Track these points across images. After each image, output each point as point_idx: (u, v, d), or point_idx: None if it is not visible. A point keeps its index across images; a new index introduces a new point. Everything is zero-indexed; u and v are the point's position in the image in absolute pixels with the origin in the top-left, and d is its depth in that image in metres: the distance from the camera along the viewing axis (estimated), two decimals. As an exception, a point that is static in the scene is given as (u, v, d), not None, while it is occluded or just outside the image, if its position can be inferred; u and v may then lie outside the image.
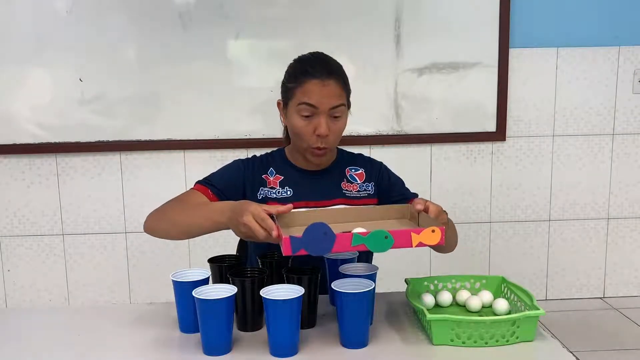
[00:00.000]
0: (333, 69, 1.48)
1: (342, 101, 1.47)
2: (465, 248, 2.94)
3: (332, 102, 1.46)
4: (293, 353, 1.17)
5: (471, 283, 1.44)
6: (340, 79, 1.48)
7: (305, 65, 1.49)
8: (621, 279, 3.03)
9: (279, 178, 1.56)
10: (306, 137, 1.48)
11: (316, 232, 1.11)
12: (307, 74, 1.46)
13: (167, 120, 2.73)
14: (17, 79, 2.67)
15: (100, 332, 1.32)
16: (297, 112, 1.47)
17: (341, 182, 1.58)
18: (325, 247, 1.12)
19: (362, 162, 1.64)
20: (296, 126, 1.48)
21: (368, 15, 2.71)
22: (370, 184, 1.59)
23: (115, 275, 2.86)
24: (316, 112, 1.45)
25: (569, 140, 2.90)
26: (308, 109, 1.46)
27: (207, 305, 1.15)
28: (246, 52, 2.72)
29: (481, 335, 1.19)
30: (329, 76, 1.46)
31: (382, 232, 1.12)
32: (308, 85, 1.45)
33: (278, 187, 1.54)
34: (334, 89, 1.46)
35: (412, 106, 2.79)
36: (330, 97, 1.45)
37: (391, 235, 1.12)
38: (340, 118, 1.49)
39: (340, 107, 1.47)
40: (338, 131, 1.50)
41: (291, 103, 1.49)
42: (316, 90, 1.45)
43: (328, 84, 1.45)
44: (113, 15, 2.65)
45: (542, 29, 2.81)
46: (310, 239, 1.11)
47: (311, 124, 1.46)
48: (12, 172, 2.75)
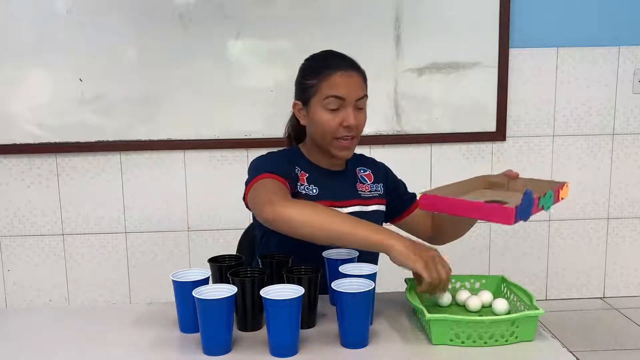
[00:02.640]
0: (353, 62, 1.52)
1: (365, 92, 1.51)
2: (465, 248, 2.94)
3: (358, 93, 1.48)
4: (293, 353, 1.17)
5: (471, 283, 1.44)
6: (361, 71, 1.52)
7: (326, 61, 1.51)
8: (621, 279, 3.03)
9: (304, 175, 1.55)
10: (332, 130, 1.48)
11: (526, 199, 1.21)
12: (331, 67, 1.48)
13: (167, 120, 2.73)
14: (17, 79, 2.67)
15: (100, 332, 1.32)
16: (323, 107, 1.48)
17: (356, 183, 1.60)
18: (529, 212, 1.23)
19: (368, 163, 1.66)
20: (323, 120, 1.49)
21: (368, 15, 2.71)
22: (379, 184, 1.62)
23: (115, 275, 2.86)
24: (343, 105, 1.47)
25: (569, 140, 2.90)
26: (335, 101, 1.47)
27: (207, 305, 1.15)
28: (246, 52, 2.72)
29: (480, 335, 1.19)
30: (352, 68, 1.50)
31: (549, 191, 1.28)
32: (334, 78, 1.47)
33: (305, 184, 1.53)
34: (358, 79, 1.49)
35: (412, 106, 2.79)
36: (356, 89, 1.48)
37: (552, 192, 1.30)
38: (363, 110, 1.51)
39: (364, 98, 1.50)
40: (363, 122, 1.52)
41: (315, 99, 1.49)
42: (343, 82, 1.47)
43: (352, 75, 1.49)
44: (113, 16, 2.65)
45: (542, 29, 2.81)
46: (524, 205, 1.20)
47: (338, 117, 1.48)
48: (12, 172, 2.75)
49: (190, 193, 2.80)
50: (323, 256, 1.42)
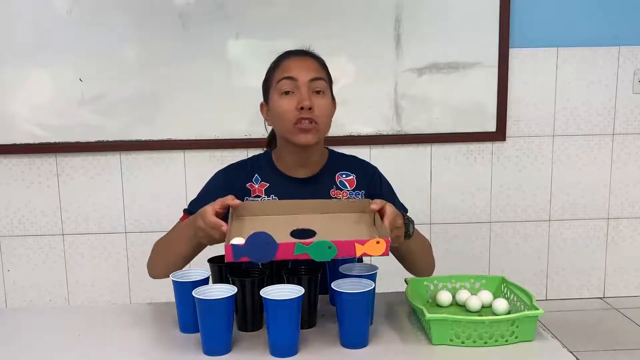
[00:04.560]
0: (311, 52, 1.51)
1: (321, 75, 1.47)
2: (465, 248, 2.94)
3: (312, 74, 1.45)
4: (293, 353, 1.17)
5: (471, 283, 1.44)
6: (319, 59, 1.50)
7: (283, 52, 1.53)
8: (621, 279, 3.03)
9: (264, 185, 1.52)
10: (289, 115, 1.42)
11: (258, 241, 1.12)
12: (285, 55, 1.50)
13: (167, 120, 2.73)
14: (17, 79, 2.67)
15: (100, 332, 1.32)
16: (277, 92, 1.46)
17: (330, 190, 1.52)
18: (268, 256, 1.12)
19: (355, 167, 1.57)
20: (278, 106, 1.45)
21: (368, 15, 2.70)
22: (361, 192, 1.53)
23: (115, 275, 2.86)
24: (296, 86, 1.44)
25: (569, 140, 2.90)
26: (288, 82, 1.44)
27: (207, 305, 1.15)
28: (246, 52, 2.72)
29: (480, 335, 1.19)
30: (305, 54, 1.50)
31: (326, 242, 1.12)
32: (286, 62, 1.48)
33: (264, 195, 1.50)
34: (312, 63, 1.48)
35: (412, 106, 2.79)
36: (309, 70, 1.46)
37: (335, 245, 1.12)
38: (323, 94, 1.46)
39: (321, 81, 1.46)
40: (322, 108, 1.44)
41: (272, 90, 1.49)
42: (294, 64, 1.47)
43: (306, 59, 1.48)
44: (113, 15, 2.65)
45: (542, 29, 2.81)
46: (252, 247, 1.12)
47: (293, 99, 1.43)
48: (12, 172, 2.75)
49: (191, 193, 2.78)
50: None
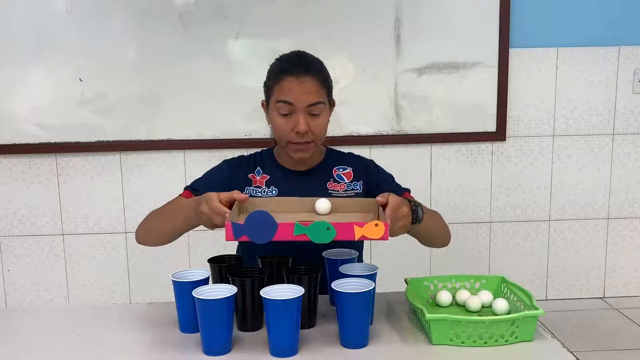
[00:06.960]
0: (310, 67, 1.48)
1: (319, 99, 1.47)
2: (465, 248, 2.94)
3: (310, 100, 1.46)
4: (293, 353, 1.17)
5: (471, 283, 1.44)
6: (318, 76, 1.48)
7: (283, 64, 1.50)
8: (621, 279, 3.03)
9: (265, 177, 1.57)
10: (285, 135, 1.48)
11: (258, 220, 1.13)
12: (284, 72, 1.47)
13: (167, 120, 2.73)
14: (17, 79, 2.67)
15: (100, 332, 1.32)
16: (275, 110, 1.48)
17: (327, 182, 1.57)
18: (267, 236, 1.13)
19: (351, 161, 1.62)
20: (276, 124, 1.50)
21: (368, 15, 2.70)
22: (359, 182, 1.58)
23: (115, 275, 2.86)
24: (294, 110, 1.46)
25: (569, 140, 2.90)
26: (285, 106, 1.46)
27: (207, 305, 1.15)
28: (246, 52, 2.72)
29: (480, 335, 1.19)
30: (305, 73, 1.46)
31: (325, 223, 1.13)
32: (284, 83, 1.46)
33: (264, 187, 1.55)
34: (310, 86, 1.46)
35: (412, 106, 2.79)
36: (307, 95, 1.45)
37: (333, 227, 1.13)
38: (319, 116, 1.48)
39: (319, 105, 1.47)
40: (318, 128, 1.49)
41: (271, 101, 1.51)
42: (293, 87, 1.45)
43: (305, 82, 1.45)
44: (113, 15, 2.65)
45: (542, 29, 2.80)
46: (252, 226, 1.13)
47: (290, 122, 1.47)
48: (12, 172, 2.75)
49: (190, 193, 2.80)
50: (323, 256, 1.42)
